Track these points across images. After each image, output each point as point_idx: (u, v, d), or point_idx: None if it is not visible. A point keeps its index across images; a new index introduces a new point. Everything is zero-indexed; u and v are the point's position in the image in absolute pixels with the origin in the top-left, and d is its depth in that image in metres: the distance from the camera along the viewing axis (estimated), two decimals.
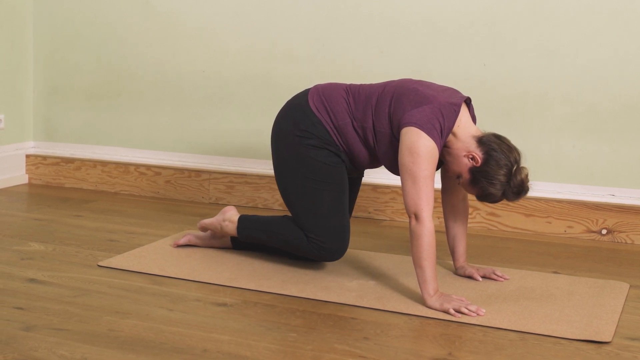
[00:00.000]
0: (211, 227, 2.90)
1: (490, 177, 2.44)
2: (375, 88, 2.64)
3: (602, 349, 2.14)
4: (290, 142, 2.67)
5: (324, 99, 2.67)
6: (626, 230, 3.28)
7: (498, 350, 2.10)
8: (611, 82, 3.29)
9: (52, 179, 4.22)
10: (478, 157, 2.46)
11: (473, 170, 2.47)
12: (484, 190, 2.47)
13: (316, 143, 2.63)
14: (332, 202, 2.64)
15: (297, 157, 2.65)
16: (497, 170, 2.44)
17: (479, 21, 3.44)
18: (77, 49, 4.16)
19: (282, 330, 2.21)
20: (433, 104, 2.48)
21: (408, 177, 2.42)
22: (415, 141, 2.42)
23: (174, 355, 2.02)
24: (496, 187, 2.45)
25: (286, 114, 2.73)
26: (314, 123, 2.64)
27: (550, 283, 2.68)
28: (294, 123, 2.67)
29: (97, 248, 2.99)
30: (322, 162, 2.63)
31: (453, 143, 2.51)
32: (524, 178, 2.46)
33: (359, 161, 2.68)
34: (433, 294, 2.39)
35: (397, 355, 2.06)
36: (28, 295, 2.44)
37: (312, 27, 3.69)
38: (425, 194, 2.40)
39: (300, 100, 2.72)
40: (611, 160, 3.33)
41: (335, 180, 2.65)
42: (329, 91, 2.69)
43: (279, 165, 2.73)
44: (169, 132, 4.02)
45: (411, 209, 2.41)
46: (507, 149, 2.48)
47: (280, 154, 2.72)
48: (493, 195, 2.47)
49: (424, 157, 2.41)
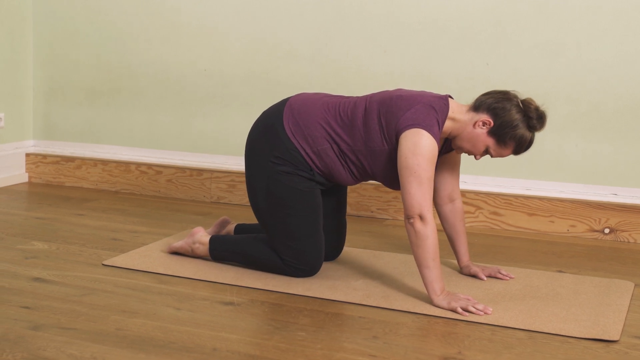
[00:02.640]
0: (181, 251, 2.84)
1: (510, 124, 2.43)
2: (357, 107, 2.56)
3: (611, 347, 2.14)
4: (263, 165, 2.61)
5: (301, 124, 2.58)
6: (629, 230, 3.29)
7: (507, 349, 2.11)
8: (614, 82, 3.30)
9: (52, 178, 4.21)
10: (487, 119, 2.45)
11: (491, 131, 2.46)
12: (515, 139, 2.44)
13: (289, 169, 2.58)
14: (306, 226, 2.60)
15: (270, 181, 2.60)
16: (509, 114, 2.43)
17: (483, 20, 3.44)
18: (77, 46, 4.15)
19: (291, 329, 2.21)
20: (423, 102, 2.48)
21: (413, 179, 2.40)
22: (417, 142, 2.41)
23: (184, 354, 2.01)
24: (520, 127, 2.43)
25: (262, 134, 2.64)
26: (289, 149, 2.58)
27: (556, 282, 2.68)
28: (269, 147, 2.60)
29: (100, 247, 2.98)
30: (294, 187, 2.58)
31: (457, 127, 2.50)
32: (534, 103, 2.46)
33: (340, 181, 2.64)
34: (440, 292, 2.39)
35: (407, 354, 2.06)
36: (34, 295, 2.43)
37: (315, 25, 3.69)
38: (430, 194, 2.41)
39: (275, 120, 2.62)
40: (614, 160, 3.34)
41: (308, 205, 2.60)
42: (305, 114, 2.59)
43: (252, 182, 2.66)
44: (170, 130, 4.01)
45: (416, 211, 2.39)
46: (501, 94, 2.48)
47: (252, 171, 2.66)
48: (524, 137, 2.45)
49: (427, 158, 2.40)
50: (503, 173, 3.49)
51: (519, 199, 3.43)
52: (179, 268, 2.72)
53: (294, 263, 2.62)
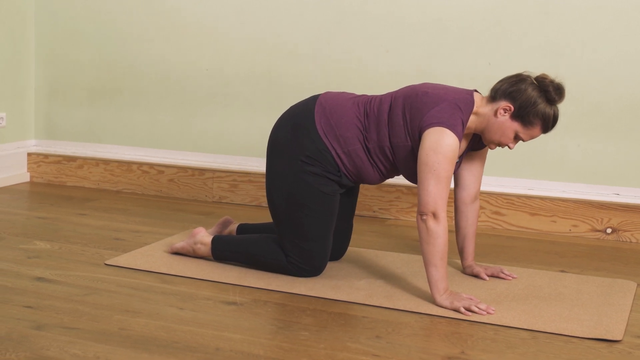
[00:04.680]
0: (183, 251, 2.83)
1: (529, 103, 2.43)
2: (383, 103, 2.57)
3: (614, 347, 2.14)
4: (291, 163, 2.59)
5: (333, 123, 2.58)
6: (631, 230, 3.29)
7: (510, 349, 2.11)
8: (616, 82, 3.30)
9: (54, 177, 4.21)
10: (506, 104, 2.45)
11: (514, 115, 2.45)
12: (538, 116, 2.44)
13: (317, 170, 2.58)
14: (319, 228, 2.60)
15: (294, 180, 2.59)
16: (526, 93, 2.43)
17: (485, 20, 3.44)
18: (78, 46, 4.15)
19: (294, 329, 2.21)
20: (449, 100, 2.47)
21: (431, 177, 2.40)
22: (439, 140, 2.41)
23: (187, 353, 2.01)
24: (540, 103, 2.43)
25: (291, 132, 2.61)
26: (321, 150, 2.57)
27: (558, 282, 2.68)
28: (299, 147, 2.59)
29: (103, 247, 2.98)
30: (318, 189, 2.58)
31: (481, 121, 2.50)
32: (548, 77, 2.46)
33: (368, 180, 2.65)
34: (443, 292, 2.39)
35: (411, 353, 2.06)
36: (37, 294, 2.43)
37: (318, 25, 3.69)
38: (446, 193, 2.41)
39: (306, 119, 2.61)
40: (616, 160, 3.34)
41: (326, 209, 2.60)
42: (337, 115, 2.58)
43: (273, 178, 2.65)
44: (171, 130, 4.01)
45: (430, 208, 2.40)
46: (514, 77, 2.49)
47: (276, 167, 2.64)
48: (547, 112, 2.44)
49: (448, 157, 2.40)
50: (505, 173, 3.49)
51: (521, 199, 3.43)
52: (181, 268, 2.72)
53: (299, 263, 2.62)
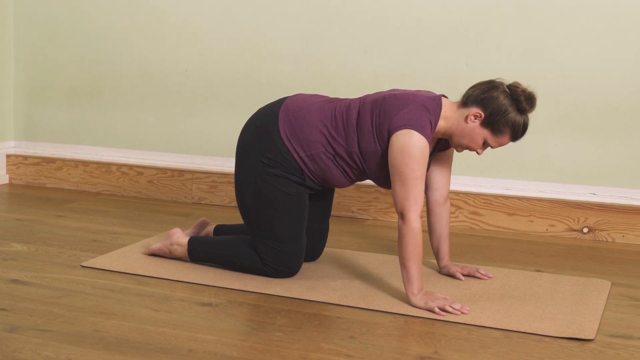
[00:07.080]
0: (159, 253, 2.83)
1: (500, 111, 2.43)
2: (351, 108, 2.57)
3: (586, 346, 2.15)
4: (253, 165, 2.61)
5: (296, 127, 2.58)
6: (607, 229, 3.31)
7: (483, 349, 2.12)
8: (595, 82, 3.32)
9: (33, 179, 4.19)
10: (477, 111, 2.45)
11: (484, 122, 2.46)
12: (508, 124, 2.44)
13: (279, 172, 2.58)
14: (289, 229, 2.61)
15: (258, 181, 2.60)
16: (497, 101, 2.43)
17: (464, 21, 3.45)
18: (58, 46, 4.13)
19: (268, 329, 2.21)
20: (416, 103, 2.49)
21: (398, 179, 2.42)
22: (407, 142, 2.42)
23: (161, 355, 2.01)
24: (511, 112, 2.43)
25: (255, 134, 2.63)
26: (283, 152, 2.58)
27: (533, 281, 2.70)
28: (261, 148, 2.60)
29: (80, 248, 2.98)
30: (281, 190, 2.58)
31: (450, 125, 2.50)
32: (520, 86, 2.47)
33: (335, 184, 2.65)
34: (417, 292, 2.40)
35: (383, 354, 2.06)
36: (11, 296, 2.42)
37: (298, 25, 3.69)
38: (414, 194, 2.41)
39: (270, 121, 2.61)
40: (592, 160, 3.36)
41: (294, 209, 2.61)
42: (301, 118, 2.58)
43: (240, 180, 2.66)
44: (151, 131, 4.00)
45: (398, 209, 2.42)
46: (486, 83, 2.49)
47: (242, 169, 2.65)
48: (517, 121, 2.44)
49: (415, 158, 2.41)
50: (483, 173, 3.50)
51: (498, 199, 3.44)
52: (157, 269, 2.71)
53: (274, 264, 2.62)
